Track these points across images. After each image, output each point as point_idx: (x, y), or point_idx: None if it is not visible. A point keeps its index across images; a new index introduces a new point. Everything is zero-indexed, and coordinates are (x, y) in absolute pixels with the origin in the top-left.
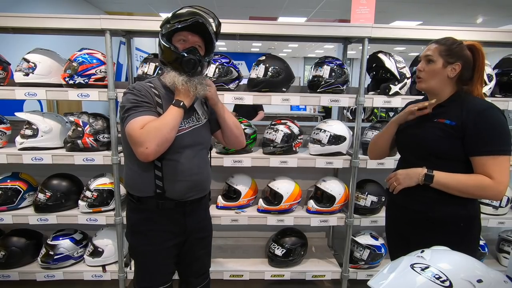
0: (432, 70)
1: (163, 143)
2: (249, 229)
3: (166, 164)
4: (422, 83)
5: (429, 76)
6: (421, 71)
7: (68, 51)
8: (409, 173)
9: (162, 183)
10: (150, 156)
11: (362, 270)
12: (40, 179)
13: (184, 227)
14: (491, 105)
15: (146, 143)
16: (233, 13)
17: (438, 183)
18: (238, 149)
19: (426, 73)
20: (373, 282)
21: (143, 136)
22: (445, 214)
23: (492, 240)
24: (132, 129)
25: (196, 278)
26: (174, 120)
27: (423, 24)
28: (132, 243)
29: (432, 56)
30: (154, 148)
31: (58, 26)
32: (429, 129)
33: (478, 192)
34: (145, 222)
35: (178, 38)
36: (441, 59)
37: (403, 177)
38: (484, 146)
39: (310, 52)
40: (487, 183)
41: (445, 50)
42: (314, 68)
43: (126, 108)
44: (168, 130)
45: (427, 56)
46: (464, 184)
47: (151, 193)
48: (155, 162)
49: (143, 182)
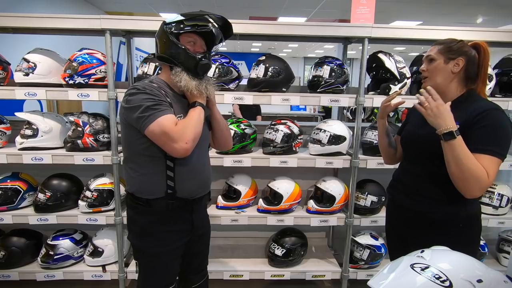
0: (434, 68)
1: (196, 137)
2: (249, 229)
3: (178, 163)
4: (427, 82)
5: (433, 74)
6: (424, 71)
7: (68, 51)
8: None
9: (174, 183)
10: (189, 150)
11: (362, 270)
12: (40, 179)
13: (191, 225)
14: (497, 106)
15: (185, 138)
16: (233, 13)
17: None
18: (225, 150)
19: (429, 71)
20: (373, 282)
21: (181, 131)
22: (444, 215)
23: (492, 240)
24: (167, 126)
25: (195, 275)
26: (202, 118)
27: (423, 24)
28: (142, 246)
29: (433, 55)
30: (192, 143)
31: (58, 26)
32: (432, 129)
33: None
34: (155, 224)
35: (187, 40)
36: (442, 56)
37: (434, 112)
38: (482, 144)
39: (310, 52)
40: (483, 177)
41: (444, 48)
42: (314, 68)
43: (145, 107)
44: (200, 127)
45: (427, 56)
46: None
47: (161, 194)
48: (168, 163)
49: (153, 184)
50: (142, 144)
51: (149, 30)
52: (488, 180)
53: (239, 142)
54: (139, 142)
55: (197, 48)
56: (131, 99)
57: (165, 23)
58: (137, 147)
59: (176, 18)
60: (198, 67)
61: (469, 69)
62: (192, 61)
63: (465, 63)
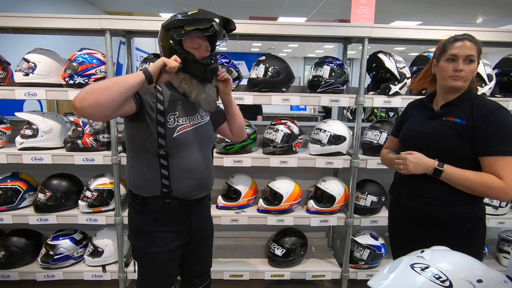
0: (472, 71)
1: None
2: (249, 229)
3: (172, 162)
4: (460, 82)
5: (469, 76)
6: (462, 70)
7: (68, 51)
8: (419, 163)
9: (169, 182)
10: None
11: (362, 270)
12: (40, 179)
13: (189, 227)
14: (499, 105)
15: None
16: (233, 13)
17: (446, 178)
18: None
19: (467, 73)
20: (373, 282)
21: (83, 91)
22: (452, 216)
23: (492, 240)
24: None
25: (198, 278)
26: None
27: (423, 24)
28: (137, 246)
29: (474, 56)
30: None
31: (58, 26)
32: (438, 127)
33: (485, 191)
34: (150, 223)
35: (191, 45)
36: (477, 59)
37: (412, 165)
38: (494, 146)
39: (310, 52)
40: (496, 183)
41: (479, 49)
42: (314, 68)
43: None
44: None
45: (469, 56)
46: (471, 181)
47: (157, 192)
48: (161, 161)
49: (149, 181)
50: (136, 138)
51: (149, 30)
52: (505, 181)
53: (239, 142)
54: (134, 136)
55: (202, 52)
56: None
57: (166, 28)
58: (133, 142)
59: (174, 18)
60: (206, 72)
61: None
62: (200, 68)
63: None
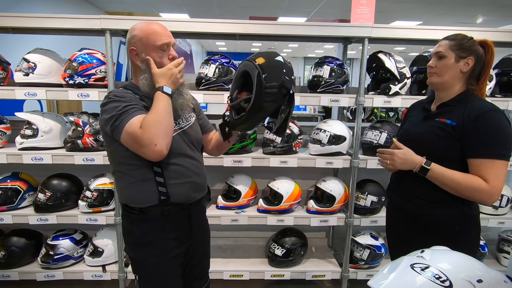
0: (444, 65)
1: (167, 132)
2: (249, 229)
3: (166, 168)
4: (434, 77)
5: (442, 71)
6: (433, 67)
7: (68, 51)
8: (407, 159)
9: (166, 188)
10: (163, 151)
11: (362, 270)
12: (40, 179)
13: (190, 231)
14: (494, 107)
15: (153, 140)
16: (233, 13)
17: (432, 177)
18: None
19: (438, 68)
20: (373, 282)
21: (145, 134)
22: (441, 217)
23: (492, 240)
24: (133, 132)
25: (197, 281)
26: (167, 105)
27: (423, 24)
28: (138, 258)
29: (443, 52)
30: (163, 141)
31: (58, 26)
32: (429, 128)
33: (470, 193)
34: (150, 233)
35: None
36: (453, 54)
37: (400, 162)
38: (482, 148)
39: (310, 52)
40: (481, 186)
41: (456, 45)
42: (314, 68)
43: (116, 116)
44: (166, 117)
45: (438, 52)
46: (457, 183)
47: (155, 201)
48: (155, 168)
49: (144, 192)
50: (124, 152)
51: None
52: (490, 185)
53: (239, 142)
54: (120, 150)
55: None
56: (104, 110)
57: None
58: (121, 156)
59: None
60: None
61: (475, 68)
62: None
63: (474, 62)
